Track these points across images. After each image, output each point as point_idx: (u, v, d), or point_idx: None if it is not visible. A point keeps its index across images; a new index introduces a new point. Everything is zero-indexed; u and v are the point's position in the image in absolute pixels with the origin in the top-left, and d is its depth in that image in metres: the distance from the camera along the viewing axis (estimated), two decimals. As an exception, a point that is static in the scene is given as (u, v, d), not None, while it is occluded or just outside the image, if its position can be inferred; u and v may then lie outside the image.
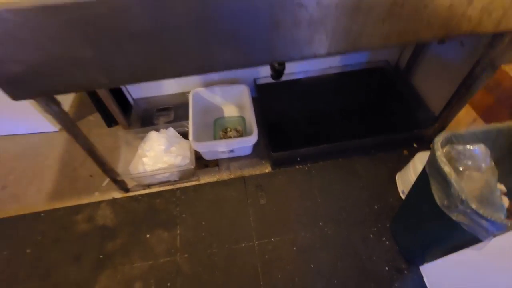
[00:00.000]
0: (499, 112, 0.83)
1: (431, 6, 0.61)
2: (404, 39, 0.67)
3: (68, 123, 0.74)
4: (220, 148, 1.05)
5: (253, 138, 1.02)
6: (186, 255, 0.93)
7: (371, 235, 0.93)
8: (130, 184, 1.09)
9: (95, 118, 1.31)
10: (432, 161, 0.62)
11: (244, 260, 0.91)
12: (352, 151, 1.11)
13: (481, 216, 0.50)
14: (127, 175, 1.03)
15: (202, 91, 1.18)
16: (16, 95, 0.60)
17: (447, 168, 0.56)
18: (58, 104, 0.69)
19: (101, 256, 0.93)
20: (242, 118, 1.16)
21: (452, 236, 0.62)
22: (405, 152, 1.12)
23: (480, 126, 0.67)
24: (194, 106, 1.12)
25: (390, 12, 0.60)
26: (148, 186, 1.10)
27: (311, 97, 1.29)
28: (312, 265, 0.89)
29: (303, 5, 0.55)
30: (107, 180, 1.12)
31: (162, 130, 1.12)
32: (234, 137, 1.14)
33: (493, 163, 0.63)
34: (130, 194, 1.08)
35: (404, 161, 1.04)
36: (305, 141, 1.07)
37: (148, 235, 0.97)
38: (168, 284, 0.88)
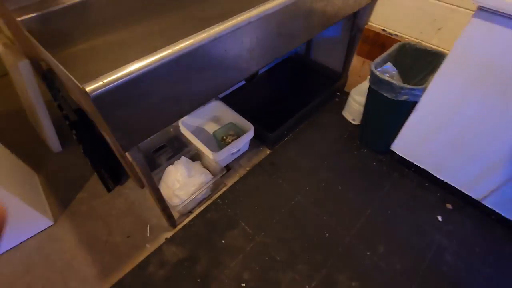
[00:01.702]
0: (374, 52, 1.44)
1: (329, 9, 1.08)
2: (320, 29, 1.13)
3: (147, 171, 0.84)
4: (233, 150, 1.28)
5: (251, 132, 1.30)
6: (262, 233, 1.12)
7: (355, 152, 1.40)
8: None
9: (86, 192, 1.26)
10: (375, 78, 1.10)
11: (300, 210, 1.19)
12: (311, 112, 1.55)
13: (414, 89, 1.01)
14: (184, 203, 1.11)
15: (187, 118, 1.36)
16: (129, 144, 0.70)
17: (385, 76, 1.05)
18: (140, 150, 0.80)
19: (198, 280, 1.01)
20: (231, 124, 1.41)
21: (403, 111, 1.13)
22: (336, 99, 1.65)
23: (376, 58, 1.20)
24: (190, 131, 1.29)
25: (309, 13, 1.04)
26: (190, 211, 1.20)
27: (263, 90, 1.68)
28: (339, 188, 1.26)
29: (280, 33, 0.91)
30: (148, 229, 1.15)
31: (176, 162, 1.24)
32: (233, 140, 1.37)
33: (397, 70, 1.18)
34: (180, 226, 1.16)
35: (340, 103, 1.57)
36: (282, 118, 1.43)
37: (223, 241, 1.11)
38: (266, 258, 1.06)
